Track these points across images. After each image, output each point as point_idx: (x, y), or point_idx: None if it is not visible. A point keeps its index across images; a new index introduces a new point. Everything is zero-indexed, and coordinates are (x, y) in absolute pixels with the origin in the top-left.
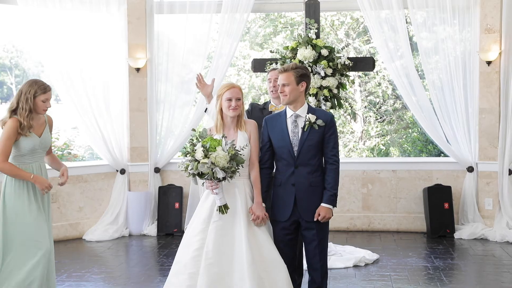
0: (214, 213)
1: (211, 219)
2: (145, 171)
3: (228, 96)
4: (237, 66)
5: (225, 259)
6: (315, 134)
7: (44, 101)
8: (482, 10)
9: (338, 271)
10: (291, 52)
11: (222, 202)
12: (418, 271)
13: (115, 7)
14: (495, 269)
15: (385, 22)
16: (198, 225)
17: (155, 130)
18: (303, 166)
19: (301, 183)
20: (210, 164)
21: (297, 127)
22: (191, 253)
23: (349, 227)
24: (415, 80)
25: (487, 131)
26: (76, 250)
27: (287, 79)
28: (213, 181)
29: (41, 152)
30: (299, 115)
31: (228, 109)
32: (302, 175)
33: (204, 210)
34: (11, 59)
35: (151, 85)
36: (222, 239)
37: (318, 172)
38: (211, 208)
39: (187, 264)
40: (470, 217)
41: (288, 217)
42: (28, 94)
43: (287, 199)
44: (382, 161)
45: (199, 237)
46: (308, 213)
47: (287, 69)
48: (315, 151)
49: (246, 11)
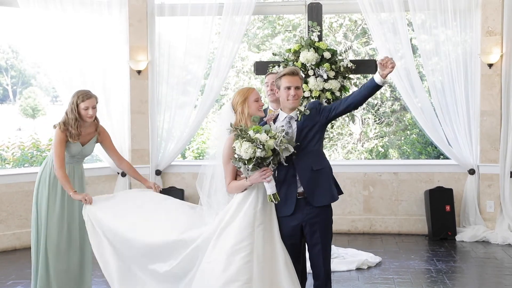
0: (257, 217)
1: (255, 223)
2: (146, 174)
3: (256, 97)
4: (236, 67)
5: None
6: (309, 119)
7: (86, 109)
8: (483, 12)
9: (341, 274)
10: (294, 55)
11: (273, 191)
12: (421, 274)
13: (116, 10)
14: (497, 272)
15: (386, 24)
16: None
17: (156, 132)
18: (302, 152)
19: (304, 171)
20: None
21: (291, 128)
22: (243, 259)
23: (350, 229)
24: (416, 82)
25: (489, 134)
26: None
27: (299, 82)
28: (268, 168)
29: (80, 158)
30: (292, 117)
31: (257, 110)
32: (302, 162)
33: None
34: (7, 60)
35: (152, 88)
36: (269, 242)
37: (318, 157)
38: (254, 211)
39: (241, 270)
40: (472, 219)
41: (292, 211)
42: (72, 104)
43: (290, 191)
44: (383, 164)
45: (248, 242)
46: (315, 198)
47: (298, 72)
48: (312, 135)
49: (247, 13)
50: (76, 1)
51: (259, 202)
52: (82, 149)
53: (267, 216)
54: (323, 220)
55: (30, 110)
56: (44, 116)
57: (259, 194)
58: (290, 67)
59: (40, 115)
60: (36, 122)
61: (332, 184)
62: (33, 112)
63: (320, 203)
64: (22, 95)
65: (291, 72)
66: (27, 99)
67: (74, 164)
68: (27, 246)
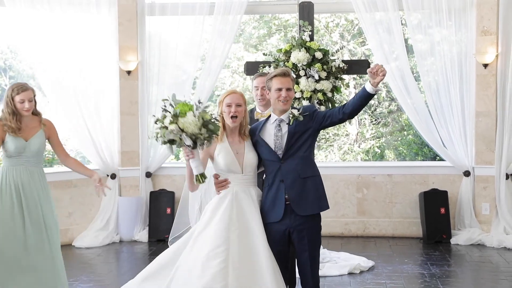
0: (232, 222)
1: (231, 228)
2: (136, 176)
3: (228, 101)
4: (231, 68)
5: (250, 267)
6: (301, 125)
7: (21, 102)
8: (478, 12)
9: (333, 279)
10: (285, 55)
11: (198, 171)
12: (414, 278)
13: (105, 9)
14: (493, 276)
15: (380, 24)
16: (219, 236)
17: (147, 134)
18: (291, 158)
19: (290, 177)
20: (178, 131)
21: (281, 131)
22: (218, 265)
23: (343, 232)
24: (411, 83)
25: (484, 135)
26: (65, 257)
27: (290, 83)
28: (187, 148)
29: (30, 157)
30: (283, 120)
31: (228, 115)
32: (290, 169)
33: (220, 220)
34: (5, 60)
35: (142, 88)
36: (247, 247)
37: (307, 165)
38: (229, 217)
39: (216, 277)
40: (467, 222)
41: (281, 216)
42: (7, 97)
43: (278, 196)
44: (377, 165)
45: (223, 248)
46: (301, 208)
47: (289, 73)
48: (303, 142)
49: (239, 13)
50: (63, 0)
51: (235, 207)
52: (26, 144)
53: (244, 222)
54: (311, 226)
55: None
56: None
57: (234, 199)
58: (282, 68)
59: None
60: None
61: (320, 194)
62: None
63: (303, 212)
64: None
65: (282, 73)
66: None
67: (28, 166)
68: None
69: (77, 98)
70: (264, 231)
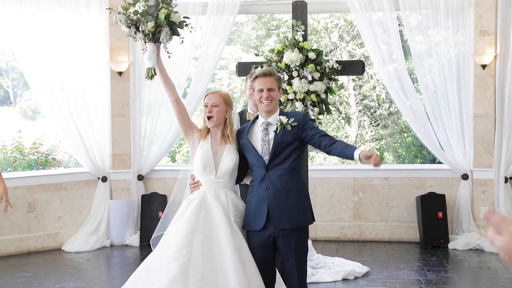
0: (199, 225)
1: (197, 231)
2: (127, 179)
3: (206, 102)
4: (229, 69)
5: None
6: (289, 134)
7: None
8: (476, 12)
9: (326, 285)
10: (277, 56)
11: (151, 64)
12: (409, 285)
13: (96, 9)
14: (490, 283)
15: (377, 24)
16: (182, 238)
17: (138, 136)
18: (276, 168)
19: (274, 188)
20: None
21: (268, 135)
22: (179, 267)
23: (339, 236)
24: (408, 84)
25: (482, 137)
26: (53, 261)
27: (273, 83)
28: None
29: None
30: (270, 123)
31: (205, 114)
32: (274, 179)
33: (186, 222)
34: (7, 62)
35: (134, 89)
36: (209, 252)
37: (293, 177)
38: (195, 220)
39: (175, 280)
40: (465, 226)
41: (262, 226)
42: None
43: (261, 205)
44: (373, 168)
45: (186, 250)
46: (281, 221)
47: (273, 73)
48: (289, 152)
49: (233, 13)
50: (53, 0)
51: (202, 210)
52: None
53: (210, 226)
54: (298, 232)
55: (30, 113)
56: (45, 118)
57: (202, 203)
58: (264, 68)
59: (41, 117)
60: (36, 125)
61: (304, 207)
62: (33, 114)
63: (282, 226)
64: (22, 97)
65: (264, 73)
66: (27, 101)
67: None
68: (3, 253)
69: (67, 99)
70: (233, 235)
